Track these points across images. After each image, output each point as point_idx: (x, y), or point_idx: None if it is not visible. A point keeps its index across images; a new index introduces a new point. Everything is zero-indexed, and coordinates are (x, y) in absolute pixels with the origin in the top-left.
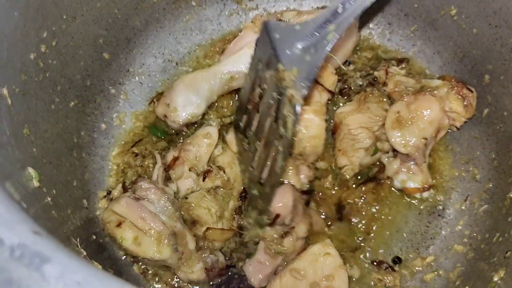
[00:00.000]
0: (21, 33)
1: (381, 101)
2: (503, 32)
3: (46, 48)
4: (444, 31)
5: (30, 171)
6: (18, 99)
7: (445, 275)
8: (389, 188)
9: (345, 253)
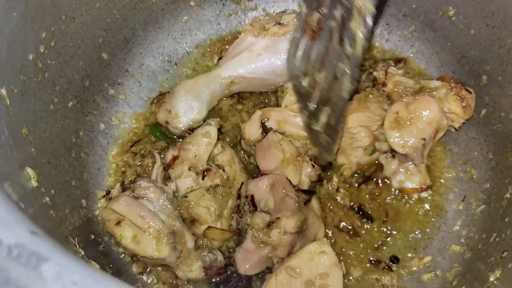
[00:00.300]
0: (20, 34)
1: (380, 101)
2: (500, 33)
3: (45, 48)
4: (442, 32)
5: (29, 171)
6: (16, 99)
7: (442, 275)
8: (387, 188)
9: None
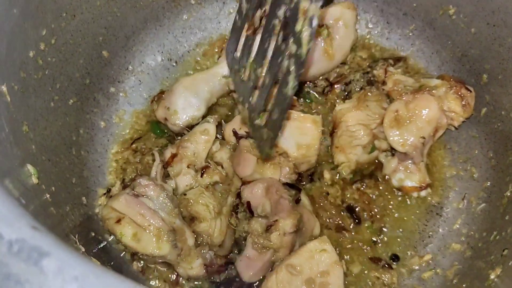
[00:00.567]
0: (20, 31)
1: (380, 100)
2: (501, 32)
3: (45, 46)
4: (443, 30)
5: (29, 168)
6: (17, 97)
7: (442, 273)
8: (387, 186)
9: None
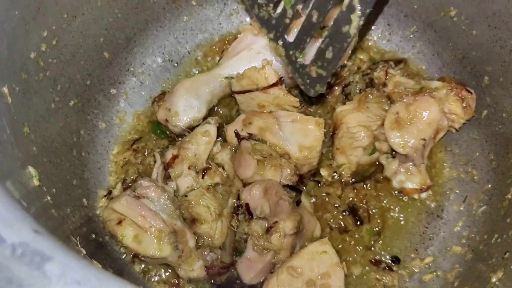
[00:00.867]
0: (21, 32)
1: (380, 102)
2: (502, 34)
3: (46, 47)
4: (444, 32)
5: (30, 169)
6: (18, 98)
7: (443, 276)
8: (388, 188)
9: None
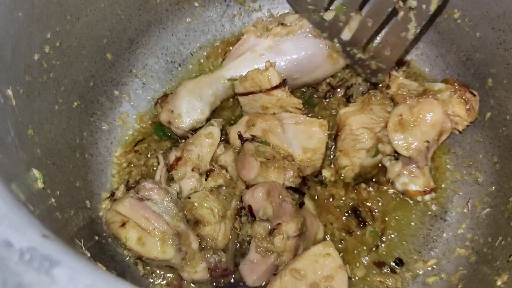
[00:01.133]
0: (25, 34)
1: (384, 103)
2: (506, 36)
3: (50, 48)
4: (448, 34)
5: (35, 172)
6: (22, 100)
7: (447, 278)
8: (391, 190)
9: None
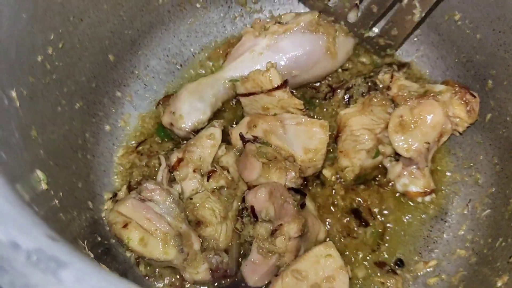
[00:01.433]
0: (28, 35)
1: (384, 105)
2: (507, 38)
3: (53, 50)
4: (448, 36)
5: (38, 173)
6: (25, 101)
7: (447, 279)
8: (391, 191)
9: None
